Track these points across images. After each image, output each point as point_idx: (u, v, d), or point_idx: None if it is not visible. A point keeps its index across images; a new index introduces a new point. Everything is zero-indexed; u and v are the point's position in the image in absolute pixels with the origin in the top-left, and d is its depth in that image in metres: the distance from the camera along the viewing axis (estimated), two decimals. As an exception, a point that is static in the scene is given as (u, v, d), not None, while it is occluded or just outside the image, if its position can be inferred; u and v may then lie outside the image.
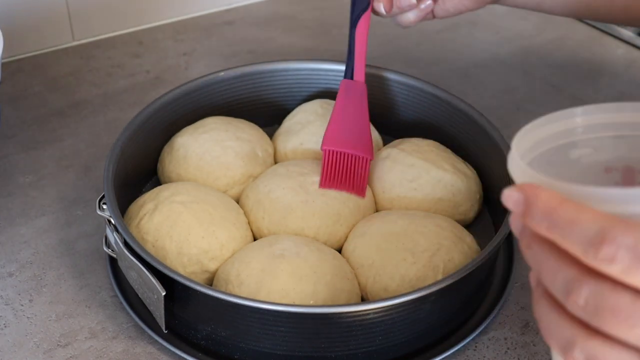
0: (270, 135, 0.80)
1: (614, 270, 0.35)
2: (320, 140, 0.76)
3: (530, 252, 0.39)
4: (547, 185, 0.38)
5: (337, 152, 0.71)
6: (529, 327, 0.66)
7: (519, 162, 0.39)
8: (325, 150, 0.71)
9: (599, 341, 0.36)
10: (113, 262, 0.68)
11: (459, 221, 0.71)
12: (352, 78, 0.74)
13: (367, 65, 0.82)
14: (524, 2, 0.77)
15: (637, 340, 0.35)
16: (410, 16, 0.73)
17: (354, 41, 0.73)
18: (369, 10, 0.72)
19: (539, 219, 0.37)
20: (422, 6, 0.73)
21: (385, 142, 0.79)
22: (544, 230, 0.37)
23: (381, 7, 0.71)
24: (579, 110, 0.41)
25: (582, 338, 0.36)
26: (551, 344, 0.39)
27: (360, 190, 0.71)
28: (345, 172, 0.71)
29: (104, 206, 0.64)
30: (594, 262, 0.35)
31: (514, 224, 0.40)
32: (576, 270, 0.36)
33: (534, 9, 0.77)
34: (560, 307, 0.38)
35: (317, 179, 0.71)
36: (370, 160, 0.72)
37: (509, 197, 0.39)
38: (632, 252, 0.34)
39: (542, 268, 0.38)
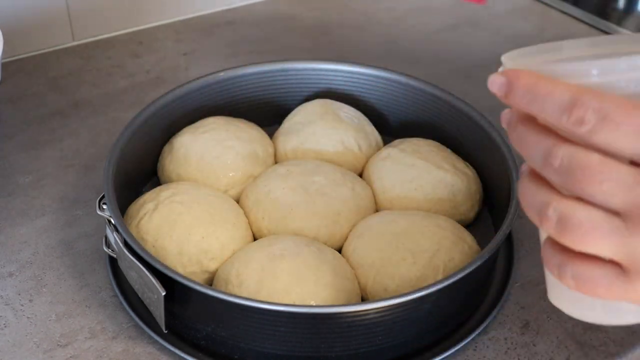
0: (270, 135, 0.80)
1: (583, 130, 0.40)
2: (321, 139, 0.76)
3: (515, 134, 0.44)
4: (528, 67, 0.42)
5: None
6: (529, 327, 0.66)
7: (507, 59, 0.44)
8: None
9: (571, 201, 0.41)
10: (113, 262, 0.68)
11: (459, 221, 0.71)
12: None
13: (367, 65, 0.82)
14: None
15: (604, 196, 0.40)
16: None
17: None
18: None
19: (521, 96, 0.42)
20: None
21: (385, 142, 0.79)
22: (524, 105, 0.42)
23: None
24: (564, 43, 0.45)
25: (556, 199, 0.42)
26: (529, 213, 0.44)
27: None
28: None
29: (104, 206, 0.64)
30: (567, 125, 0.40)
31: (504, 117, 0.45)
32: (553, 139, 0.41)
33: None
34: (538, 179, 0.43)
35: (317, 178, 0.71)
36: None
37: (494, 82, 0.43)
38: (598, 113, 0.39)
39: (524, 144, 0.43)
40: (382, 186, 0.73)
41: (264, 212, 0.69)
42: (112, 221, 0.63)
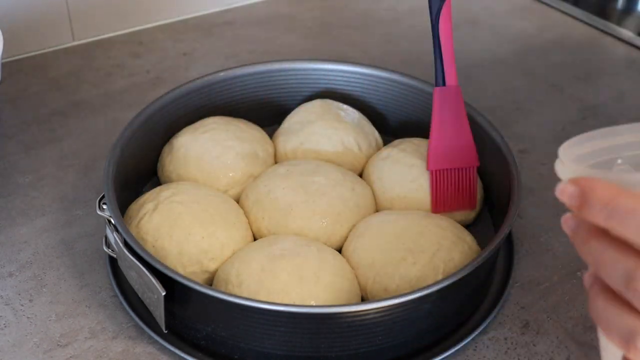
0: (270, 135, 0.80)
1: None
2: (321, 139, 0.76)
3: (586, 248, 0.40)
4: (598, 177, 0.39)
5: (443, 171, 0.70)
6: (529, 327, 0.66)
7: (567, 162, 0.41)
8: (432, 172, 0.70)
9: None
10: (113, 262, 0.68)
11: (459, 221, 0.71)
12: (444, 84, 0.70)
13: (367, 65, 0.82)
14: None
15: None
16: None
17: (438, 40, 0.68)
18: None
19: (598, 210, 0.38)
20: None
21: (385, 142, 0.79)
22: (602, 221, 0.38)
23: None
24: (623, 127, 0.42)
25: None
26: (612, 338, 0.39)
27: (470, 203, 0.70)
28: (453, 188, 0.69)
29: (104, 206, 0.64)
30: None
31: (567, 223, 0.41)
32: (635, 259, 0.37)
33: None
34: (620, 300, 0.39)
35: (317, 178, 0.71)
36: (477, 166, 0.70)
37: (564, 191, 0.40)
38: None
39: (600, 261, 0.39)
40: (382, 186, 0.73)
41: (264, 212, 0.69)
42: (112, 221, 0.63)
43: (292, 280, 0.61)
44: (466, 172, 0.70)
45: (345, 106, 0.80)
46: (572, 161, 0.41)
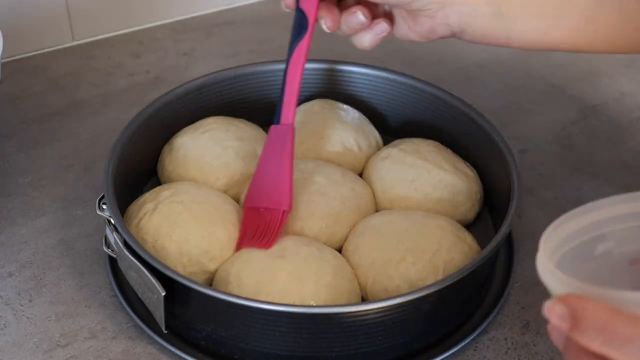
0: (270, 135, 0.80)
1: None
2: (321, 140, 0.76)
3: None
4: (585, 292, 0.37)
5: (255, 209, 0.67)
6: (529, 327, 0.66)
7: (549, 267, 0.39)
8: (246, 208, 0.68)
9: None
10: (113, 262, 0.68)
11: (459, 221, 0.71)
12: (279, 122, 0.67)
13: (367, 65, 0.82)
14: (490, 37, 0.66)
15: None
16: (366, 39, 0.67)
17: (285, 77, 0.67)
18: (306, 37, 0.67)
19: (591, 335, 0.36)
20: (378, 30, 0.66)
21: (385, 142, 0.79)
22: (597, 347, 0.36)
23: (323, 24, 0.65)
24: (604, 201, 0.41)
25: None
26: None
27: (269, 243, 0.64)
28: (263, 225, 0.66)
29: (104, 206, 0.64)
30: None
31: (556, 336, 0.39)
32: None
33: (501, 45, 0.66)
34: None
35: (317, 178, 0.71)
36: (288, 211, 0.66)
37: (552, 311, 0.38)
38: None
39: None
40: (382, 186, 0.73)
41: (264, 212, 0.70)
42: (112, 221, 0.63)
43: (292, 280, 0.61)
44: (275, 213, 0.66)
45: (345, 106, 0.80)
46: (551, 253, 0.40)
